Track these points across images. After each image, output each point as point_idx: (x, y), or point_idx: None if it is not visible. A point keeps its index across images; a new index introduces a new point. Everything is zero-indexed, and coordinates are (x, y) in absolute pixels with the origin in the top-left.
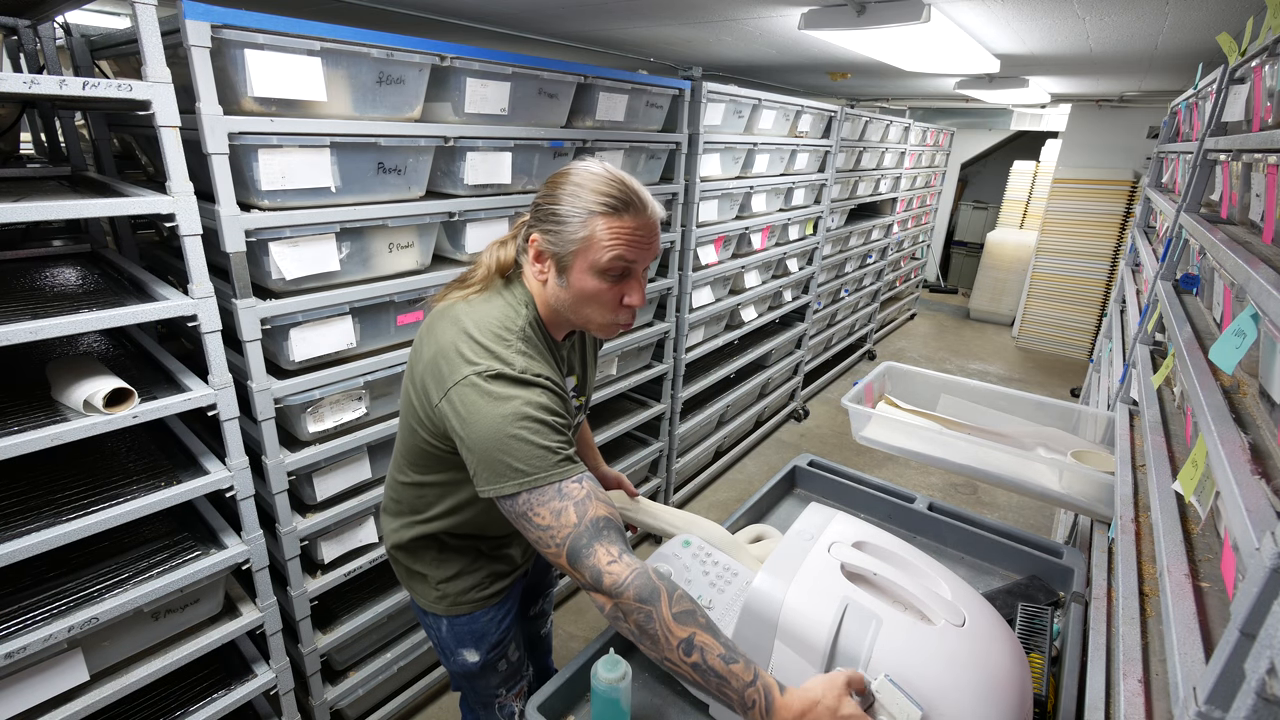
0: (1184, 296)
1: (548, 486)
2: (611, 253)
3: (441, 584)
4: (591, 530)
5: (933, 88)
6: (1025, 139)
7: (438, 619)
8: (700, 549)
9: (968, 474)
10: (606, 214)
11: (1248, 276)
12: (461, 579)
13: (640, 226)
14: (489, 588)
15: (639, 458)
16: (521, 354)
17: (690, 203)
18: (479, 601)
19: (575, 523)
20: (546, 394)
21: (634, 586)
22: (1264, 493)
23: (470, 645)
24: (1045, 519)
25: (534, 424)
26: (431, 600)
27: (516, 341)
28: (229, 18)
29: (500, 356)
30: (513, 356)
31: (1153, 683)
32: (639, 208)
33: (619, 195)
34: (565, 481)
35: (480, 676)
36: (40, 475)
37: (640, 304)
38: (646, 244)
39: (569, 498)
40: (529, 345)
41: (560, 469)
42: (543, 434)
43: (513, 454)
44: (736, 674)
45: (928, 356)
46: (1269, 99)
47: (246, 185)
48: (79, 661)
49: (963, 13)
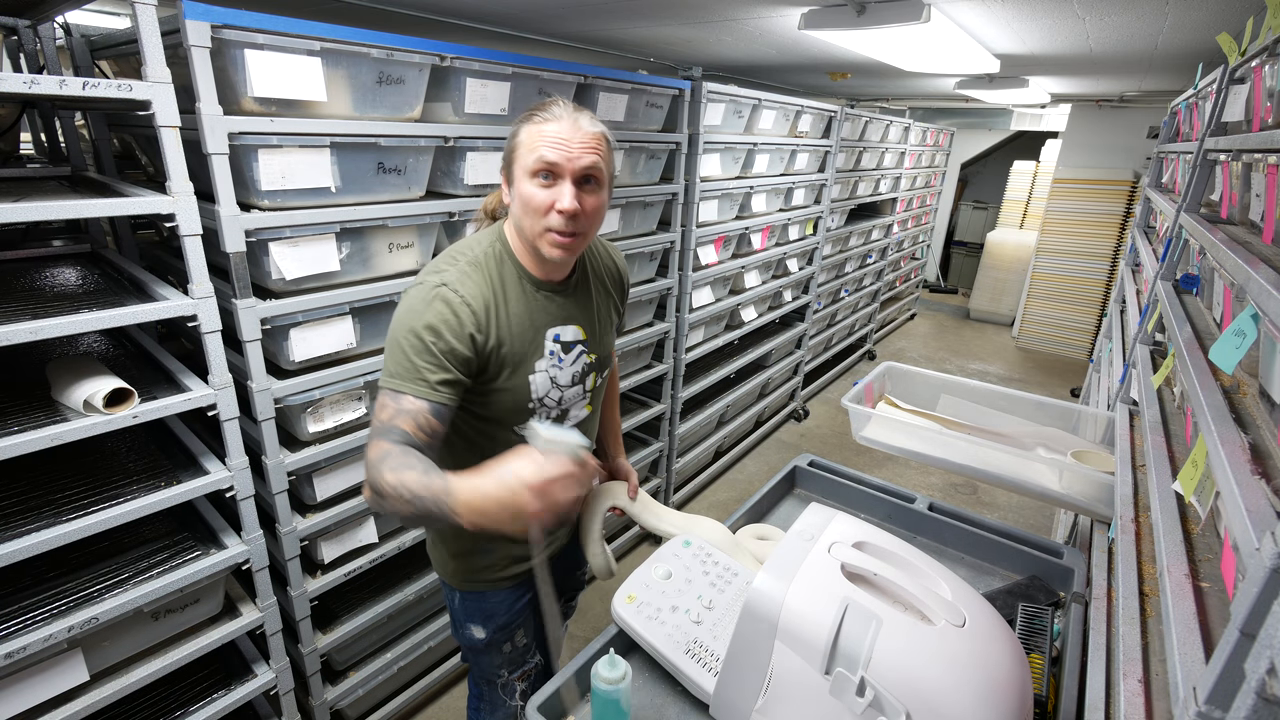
0: (1184, 296)
1: (393, 391)
2: (534, 154)
3: (457, 557)
4: (382, 428)
5: (933, 88)
6: (1025, 139)
7: (451, 590)
8: (700, 549)
9: (968, 474)
10: (534, 122)
11: (1248, 276)
12: (476, 556)
13: (562, 131)
14: (504, 570)
15: (639, 458)
16: (461, 272)
17: (690, 203)
18: (492, 582)
19: (384, 420)
20: (448, 313)
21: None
22: (1264, 493)
23: (479, 622)
24: (1045, 519)
25: (418, 341)
26: (448, 572)
27: (463, 263)
28: (229, 18)
29: (440, 271)
30: (449, 274)
31: (1153, 683)
32: (561, 117)
33: (546, 108)
34: (405, 396)
35: (484, 653)
36: (40, 475)
37: (569, 208)
38: (568, 148)
39: (397, 404)
40: (476, 269)
41: (410, 384)
42: (419, 352)
43: (393, 355)
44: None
45: (928, 356)
46: (1269, 99)
47: (246, 185)
48: (79, 661)
49: (963, 13)
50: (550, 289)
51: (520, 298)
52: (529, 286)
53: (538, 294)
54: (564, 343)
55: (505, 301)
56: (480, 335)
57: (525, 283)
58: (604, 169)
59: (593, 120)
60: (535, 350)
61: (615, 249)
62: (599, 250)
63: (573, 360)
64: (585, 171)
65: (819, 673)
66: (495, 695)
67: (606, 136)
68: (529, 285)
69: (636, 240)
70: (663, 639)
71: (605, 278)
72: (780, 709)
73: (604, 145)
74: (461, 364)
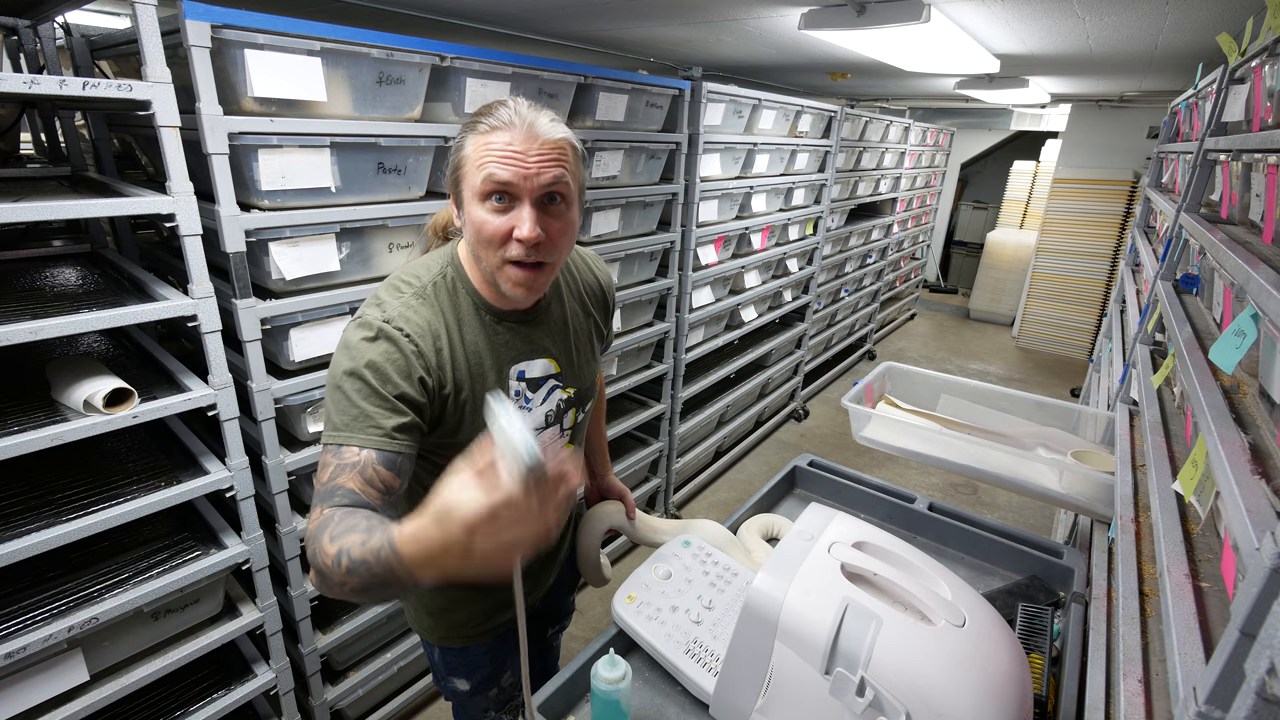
0: (1184, 296)
1: (335, 446)
2: (482, 172)
3: (433, 614)
4: (323, 493)
5: (933, 88)
6: (1025, 139)
7: (430, 646)
8: (700, 549)
9: (968, 474)
10: (479, 131)
11: (1248, 276)
12: (454, 612)
13: (515, 142)
14: (485, 623)
15: (639, 458)
16: (405, 304)
17: (690, 203)
18: (473, 636)
19: (324, 482)
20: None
21: (308, 533)
22: (1264, 493)
23: (461, 675)
24: (1045, 519)
25: (360, 383)
26: (424, 628)
27: (408, 295)
28: (229, 18)
29: (382, 304)
30: (392, 306)
31: (1153, 683)
32: (513, 123)
33: (493, 112)
34: (349, 449)
35: (470, 701)
36: (40, 475)
37: (531, 237)
38: (523, 163)
39: (339, 460)
40: (422, 301)
41: (356, 433)
42: (364, 394)
43: (334, 403)
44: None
45: (928, 356)
46: (1269, 99)
47: (246, 185)
48: (79, 661)
49: (963, 13)
50: (514, 319)
51: (478, 332)
52: (488, 318)
53: (498, 326)
54: (530, 380)
55: (460, 338)
56: (430, 379)
57: (483, 313)
58: (571, 183)
59: (553, 122)
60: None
61: (596, 259)
62: (576, 264)
63: (543, 399)
64: (547, 190)
65: (819, 673)
66: None
67: (571, 142)
68: (488, 316)
69: (636, 240)
70: (662, 639)
71: (585, 296)
72: (780, 709)
73: (569, 153)
74: (414, 409)
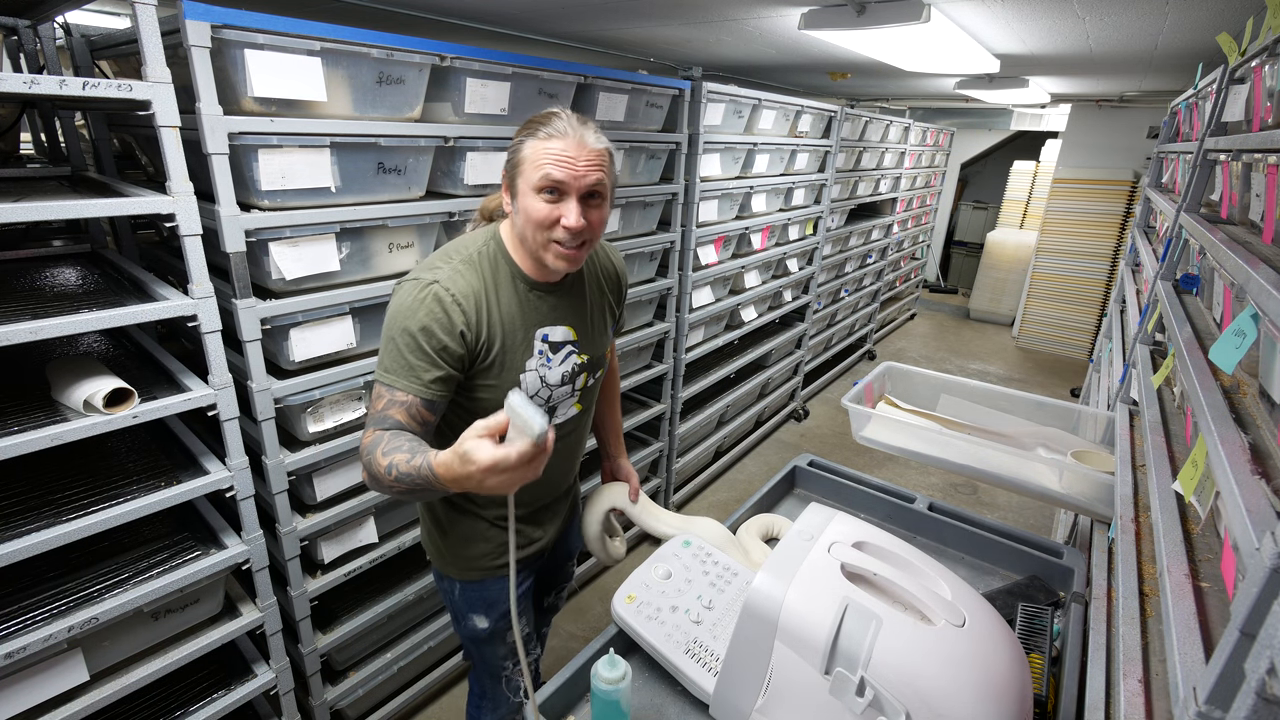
0: (1184, 296)
1: (388, 385)
2: (539, 171)
3: (454, 546)
4: (377, 417)
5: (933, 88)
6: (1025, 139)
7: (451, 582)
8: (700, 549)
9: (968, 474)
10: (539, 137)
11: (1248, 276)
12: (474, 544)
13: (568, 149)
14: (500, 558)
15: (639, 458)
16: (454, 270)
17: (690, 203)
18: (491, 569)
19: (378, 410)
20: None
21: (364, 445)
22: (1264, 493)
23: (480, 611)
24: (1045, 519)
25: (411, 339)
26: (446, 562)
27: (457, 261)
28: (229, 18)
29: (435, 268)
30: (443, 271)
31: (1153, 683)
32: (567, 134)
33: (550, 122)
34: (397, 391)
35: (488, 643)
36: (40, 475)
37: (575, 225)
38: (574, 166)
39: (391, 395)
40: (469, 266)
41: (404, 380)
42: (413, 350)
43: (388, 350)
44: (415, 464)
45: (928, 356)
46: (1269, 99)
47: (246, 185)
48: (79, 661)
49: (963, 13)
50: (543, 289)
51: (512, 297)
52: (521, 286)
53: (530, 294)
54: (552, 343)
55: (497, 300)
56: (470, 332)
57: (518, 282)
58: (608, 183)
59: (598, 135)
60: (525, 349)
61: (614, 250)
62: (597, 252)
63: (561, 360)
64: (591, 188)
65: (819, 672)
66: (499, 692)
67: (610, 151)
68: (522, 285)
69: (636, 240)
70: (662, 639)
71: (602, 279)
72: (780, 709)
73: (608, 160)
74: (454, 360)
